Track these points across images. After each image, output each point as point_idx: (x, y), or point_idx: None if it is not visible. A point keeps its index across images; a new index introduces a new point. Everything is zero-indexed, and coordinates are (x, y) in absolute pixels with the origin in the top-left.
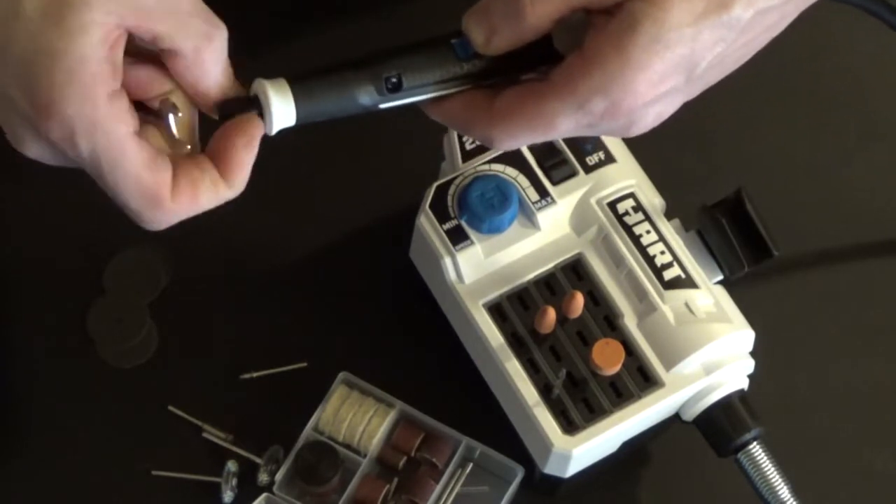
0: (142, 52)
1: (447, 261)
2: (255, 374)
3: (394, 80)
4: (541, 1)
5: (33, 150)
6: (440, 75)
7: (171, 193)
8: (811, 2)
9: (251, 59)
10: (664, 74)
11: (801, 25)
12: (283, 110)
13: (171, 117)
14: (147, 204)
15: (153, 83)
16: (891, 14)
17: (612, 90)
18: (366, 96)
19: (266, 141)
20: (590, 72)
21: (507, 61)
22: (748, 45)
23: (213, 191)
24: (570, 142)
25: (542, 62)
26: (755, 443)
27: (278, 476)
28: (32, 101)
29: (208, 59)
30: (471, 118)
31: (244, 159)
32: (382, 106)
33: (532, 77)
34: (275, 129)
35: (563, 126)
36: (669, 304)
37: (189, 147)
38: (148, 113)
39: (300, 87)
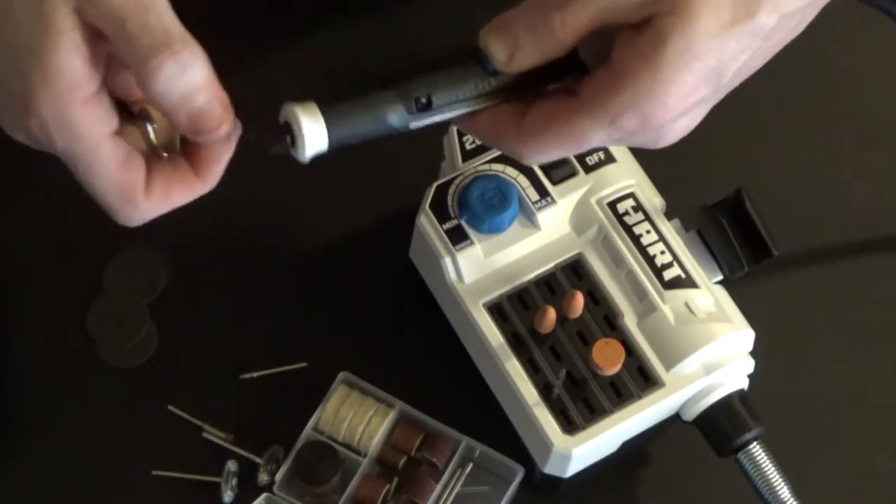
0: None
1: (447, 261)
2: (255, 374)
3: (423, 99)
4: (570, 18)
5: (19, 136)
6: (469, 92)
7: (144, 192)
8: (826, 1)
9: (257, 58)
10: (694, 86)
11: None
12: (315, 135)
13: (147, 126)
14: (120, 202)
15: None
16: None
17: (643, 106)
18: (396, 117)
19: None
20: (620, 88)
21: (534, 74)
22: (771, 49)
23: (185, 188)
24: None
25: (568, 73)
26: (755, 443)
27: (278, 476)
28: (18, 94)
29: (152, 80)
30: (500, 134)
31: (220, 156)
32: (412, 126)
33: (558, 87)
34: (308, 156)
35: (593, 141)
36: (669, 304)
37: (166, 155)
38: (132, 114)
39: (330, 110)
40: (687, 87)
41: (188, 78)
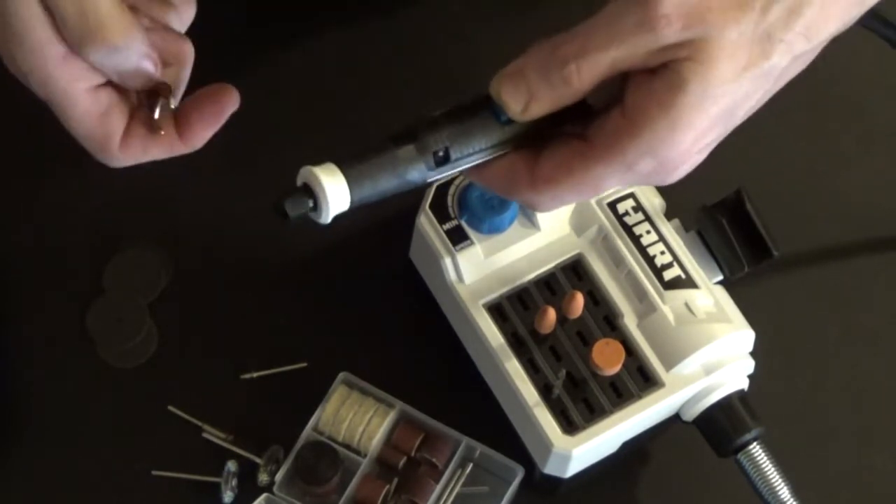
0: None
1: (447, 261)
2: (255, 374)
3: (441, 153)
4: (587, 67)
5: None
6: (485, 142)
7: (120, 144)
8: (834, 35)
9: (252, 63)
10: (709, 128)
11: None
12: (338, 197)
13: (157, 108)
14: (95, 149)
15: (166, 48)
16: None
17: (661, 151)
18: (415, 172)
19: (265, 141)
20: (637, 134)
21: (547, 121)
22: (777, 84)
23: (165, 148)
24: None
25: (576, 115)
26: (755, 443)
27: (278, 476)
28: (2, 41)
29: (84, 57)
30: (514, 185)
31: (208, 127)
32: (430, 179)
33: (566, 132)
34: (331, 217)
35: (608, 186)
36: (669, 305)
37: (163, 133)
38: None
39: (351, 171)
40: (702, 130)
41: (118, 58)
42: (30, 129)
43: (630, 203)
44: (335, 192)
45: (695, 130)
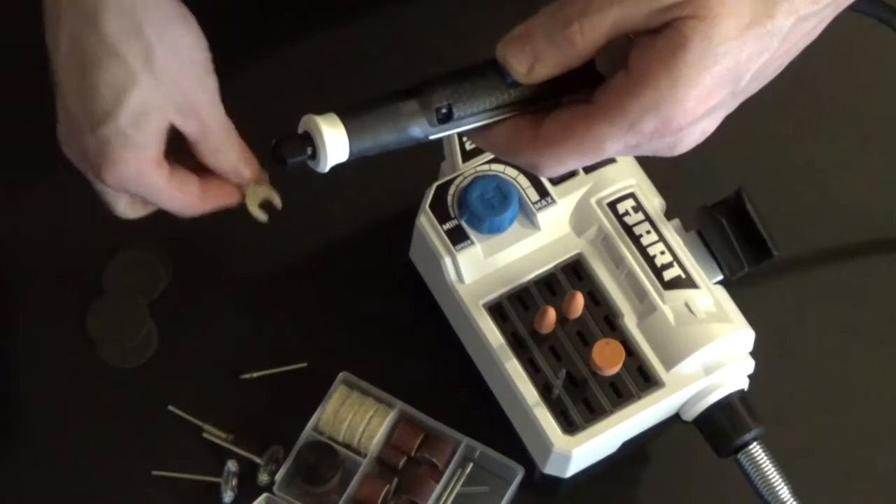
0: None
1: (447, 261)
2: (255, 374)
3: (444, 110)
4: (590, 27)
5: (74, 157)
6: (489, 103)
7: (201, 198)
8: (845, 5)
9: (248, 62)
10: (713, 89)
11: None
12: (337, 146)
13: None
14: (186, 211)
15: None
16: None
17: (663, 108)
18: (417, 128)
19: (265, 141)
20: (640, 91)
21: (553, 85)
22: (787, 53)
23: (228, 194)
24: None
25: (585, 84)
26: (755, 443)
27: (278, 476)
28: (100, 150)
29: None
30: (517, 146)
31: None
32: (432, 137)
33: (573, 99)
34: (329, 166)
35: (611, 148)
36: (669, 304)
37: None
38: None
39: (352, 121)
40: (706, 90)
41: (223, 158)
42: (30, 130)
43: (630, 203)
44: (335, 142)
45: (697, 88)
